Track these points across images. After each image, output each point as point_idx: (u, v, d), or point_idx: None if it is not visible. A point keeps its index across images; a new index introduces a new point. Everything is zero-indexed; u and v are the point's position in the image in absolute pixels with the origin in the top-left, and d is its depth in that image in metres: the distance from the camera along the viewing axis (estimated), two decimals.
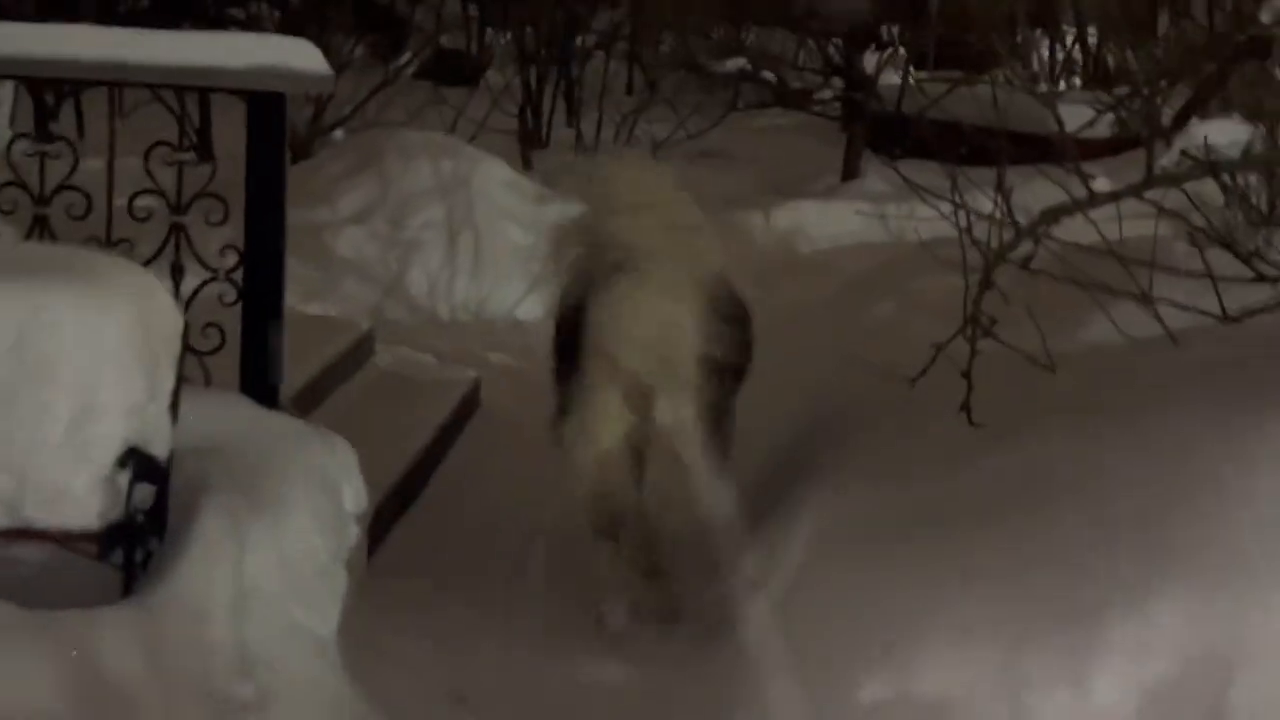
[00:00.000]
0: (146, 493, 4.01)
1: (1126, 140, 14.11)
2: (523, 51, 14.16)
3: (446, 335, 7.87)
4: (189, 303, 4.78)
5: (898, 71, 14.36)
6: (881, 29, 14.22)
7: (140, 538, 3.99)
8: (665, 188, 4.63)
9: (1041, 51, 19.80)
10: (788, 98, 14.72)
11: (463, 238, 8.27)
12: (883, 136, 13.80)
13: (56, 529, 3.79)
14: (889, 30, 14.35)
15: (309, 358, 5.91)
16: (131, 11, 14.51)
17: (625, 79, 16.43)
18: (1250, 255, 4.88)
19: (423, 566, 5.10)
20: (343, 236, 8.30)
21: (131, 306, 3.91)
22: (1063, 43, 19.55)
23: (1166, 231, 4.86)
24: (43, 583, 4.01)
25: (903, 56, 14.43)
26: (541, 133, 14.14)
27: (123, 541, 3.91)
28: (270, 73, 4.59)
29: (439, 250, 8.26)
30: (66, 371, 3.76)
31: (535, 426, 6.61)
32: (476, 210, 8.33)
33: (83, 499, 3.80)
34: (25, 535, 3.82)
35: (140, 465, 3.94)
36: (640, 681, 4.28)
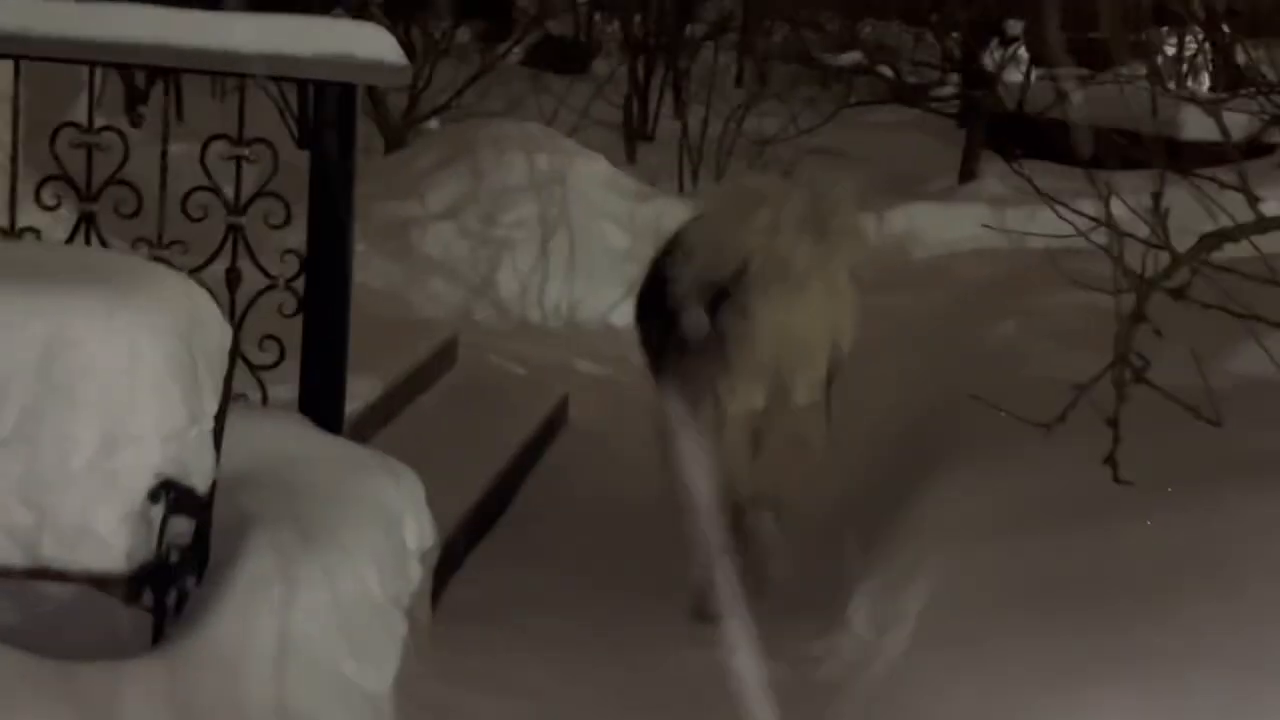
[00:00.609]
0: (183, 528, 3.60)
1: (1261, 145, 13.47)
2: (630, 40, 13.74)
3: (536, 341, 7.43)
4: (245, 312, 4.37)
5: (1019, 68, 13.77)
6: (1003, 24, 13.59)
7: (174, 578, 3.57)
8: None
9: (1166, 49, 19.11)
10: (904, 93, 14.17)
11: (557, 237, 7.81)
12: (1002, 136, 13.25)
13: (78, 570, 3.38)
14: (1009, 25, 13.71)
15: (386, 366, 5.49)
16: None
17: (735, 71, 15.94)
18: None
19: (497, 607, 4.65)
20: (431, 233, 7.88)
21: (171, 319, 3.49)
22: (1192, 39, 18.92)
23: None
24: (65, 626, 3.62)
25: (1025, 53, 13.81)
26: (647, 125, 13.73)
27: (154, 582, 3.51)
28: (337, 61, 4.16)
29: (531, 250, 7.80)
30: (92, 393, 3.35)
31: (625, 444, 6.18)
32: (572, 208, 7.87)
33: (108, 537, 3.38)
34: (45, 575, 3.42)
35: (177, 498, 3.53)
36: None
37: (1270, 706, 2.82)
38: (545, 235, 7.82)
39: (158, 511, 3.45)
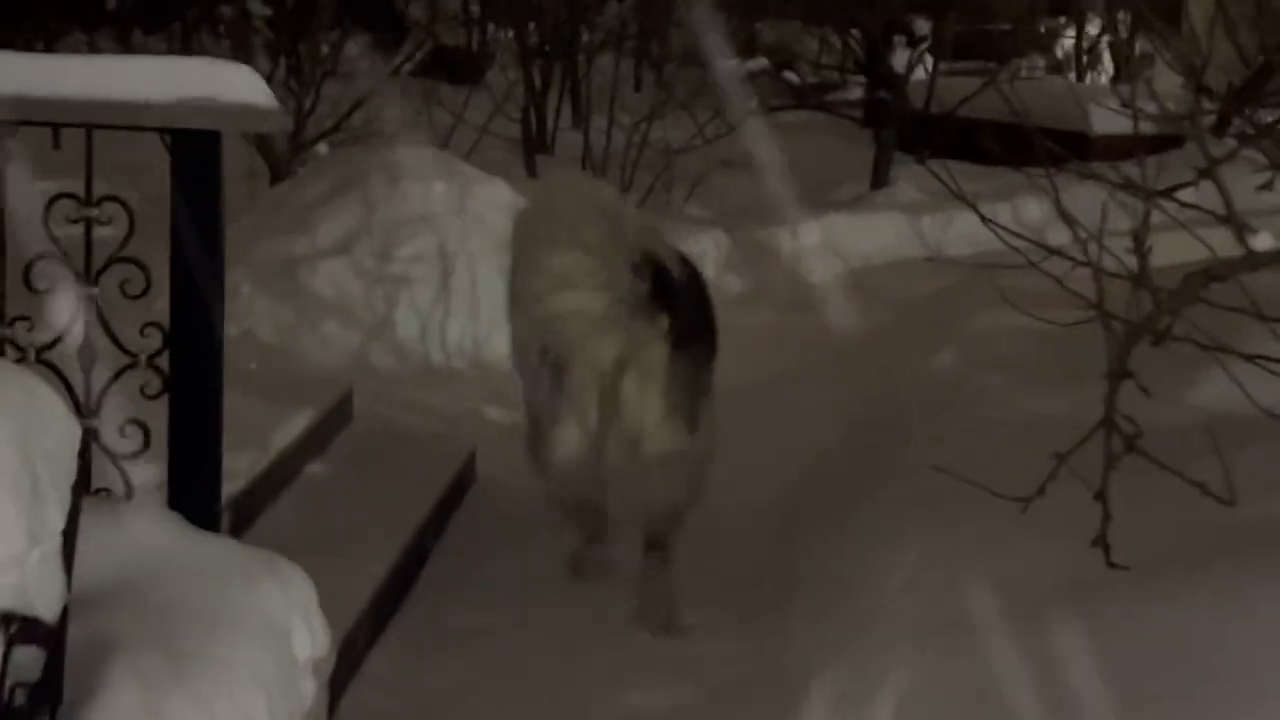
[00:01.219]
0: (30, 662, 3.07)
1: (1166, 138, 13.17)
2: (525, 49, 13.23)
3: (440, 385, 6.90)
4: (102, 395, 3.84)
5: (925, 66, 13.39)
6: (910, 22, 13.21)
7: None
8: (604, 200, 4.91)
9: (1065, 42, 18.87)
10: (810, 98, 13.77)
11: (458, 272, 7.27)
12: (911, 137, 12.86)
13: None
14: (917, 24, 13.33)
15: (271, 434, 4.97)
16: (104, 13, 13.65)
17: (633, 79, 15.47)
18: None
19: (405, 713, 4.13)
20: (321, 271, 7.31)
21: (1, 425, 2.97)
22: (1092, 28, 18.66)
23: None
24: None
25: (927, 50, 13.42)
26: (547, 137, 13.24)
27: None
28: (197, 107, 3.64)
29: (431, 286, 7.25)
30: None
31: (539, 499, 5.68)
32: (473, 239, 7.33)
33: None
34: None
35: (20, 630, 2.99)
36: None
37: None
38: (445, 269, 7.28)
39: None
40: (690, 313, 4.75)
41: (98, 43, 13.68)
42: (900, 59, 13.26)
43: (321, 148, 10.15)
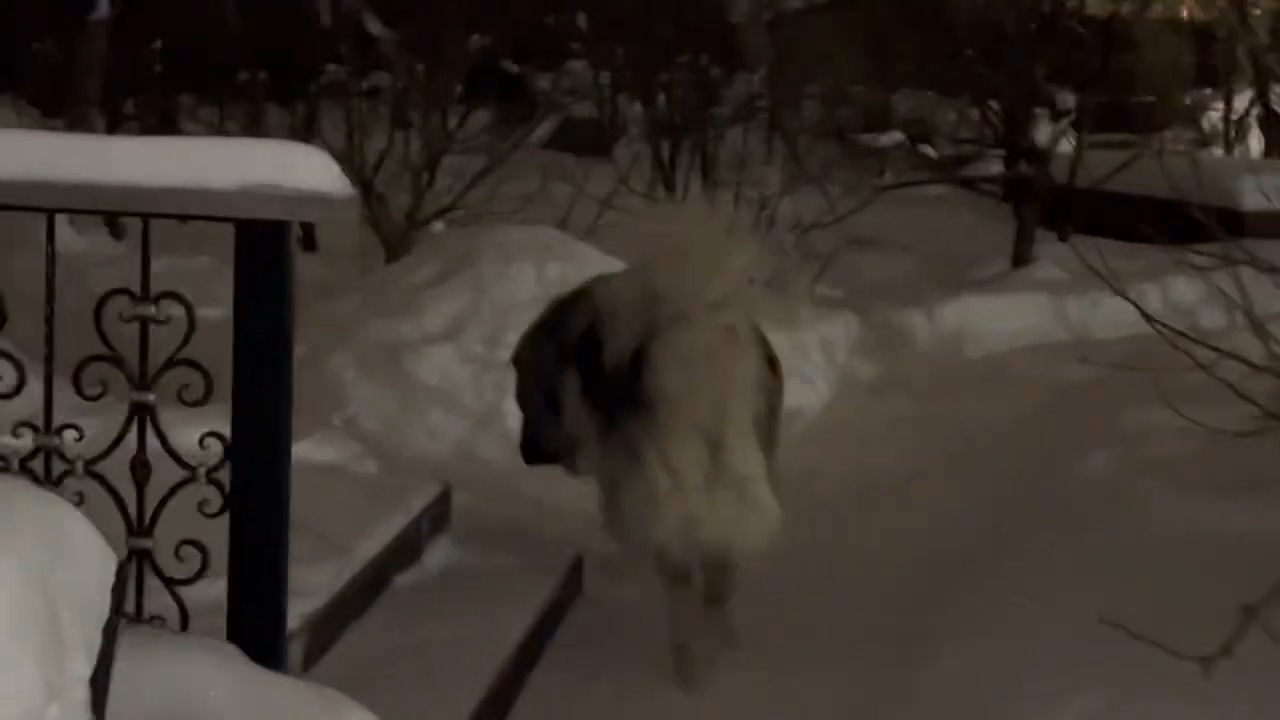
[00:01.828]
0: None
1: None
2: (654, 120, 12.91)
3: (547, 480, 6.47)
4: (156, 513, 3.46)
5: (1069, 139, 12.83)
6: (1054, 95, 12.67)
7: None
8: (719, 235, 4.84)
9: (1211, 114, 18.22)
10: (947, 172, 13.28)
11: None
12: (1054, 213, 12.31)
13: None
14: (1061, 97, 12.77)
15: (354, 544, 4.57)
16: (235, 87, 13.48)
17: (765, 151, 15.07)
18: None
19: None
20: (427, 357, 6.94)
21: (15, 559, 2.59)
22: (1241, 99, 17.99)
23: None
24: None
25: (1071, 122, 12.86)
26: None
27: None
28: (260, 194, 3.26)
29: None
30: None
31: (649, 614, 5.25)
32: None
33: None
34: None
35: None
36: None
37: None
38: None
39: None
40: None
41: (229, 116, 13.46)
42: (1041, 132, 12.73)
43: (437, 225, 9.83)
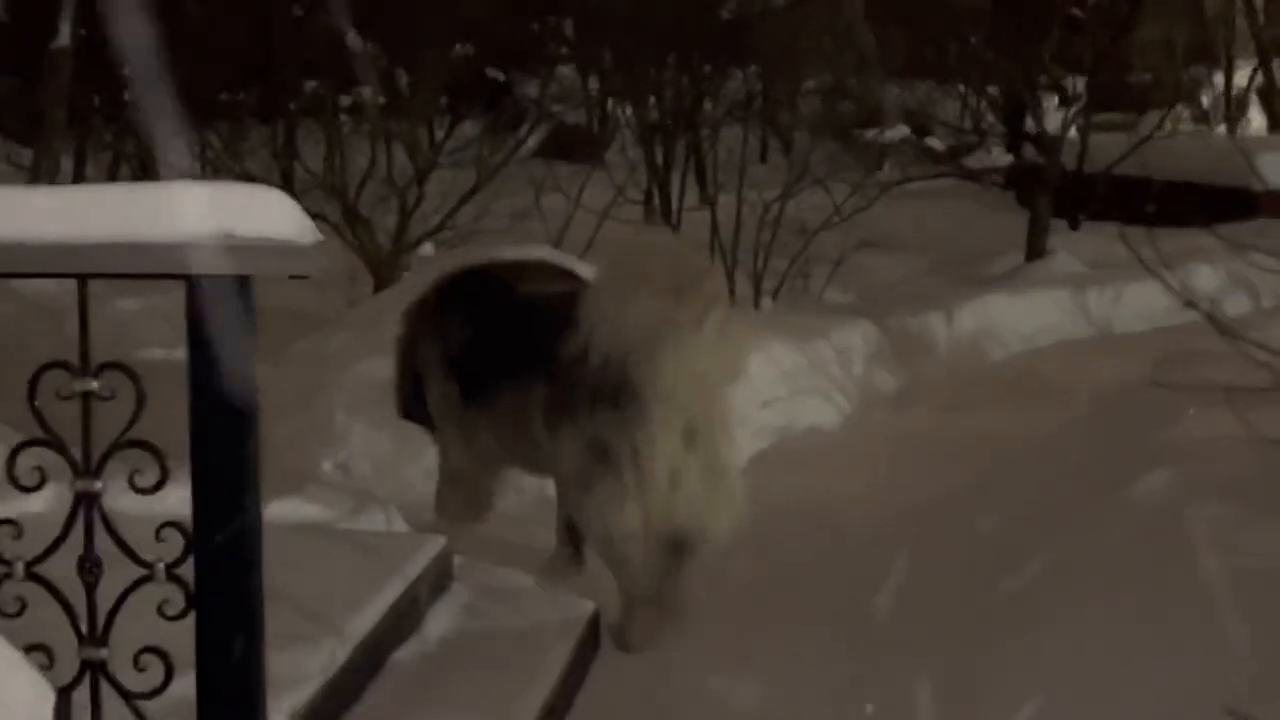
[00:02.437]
0: None
1: None
2: (646, 125, 12.46)
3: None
4: (110, 619, 3.01)
5: (1075, 124, 12.37)
6: (1061, 81, 12.21)
7: None
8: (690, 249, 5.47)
9: (1213, 89, 17.81)
10: (952, 165, 12.82)
11: None
12: (1061, 201, 11.87)
13: None
14: (1071, 81, 12.30)
15: (354, 611, 4.12)
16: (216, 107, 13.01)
17: (759, 150, 14.65)
18: None
19: None
20: None
21: None
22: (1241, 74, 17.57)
23: None
24: None
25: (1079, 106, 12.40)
26: (671, 216, 12.44)
27: None
28: (209, 246, 2.81)
29: None
30: None
31: (680, 664, 4.82)
32: None
33: None
34: None
35: None
36: None
37: None
38: None
39: None
40: None
41: (209, 139, 12.95)
42: (1047, 118, 12.28)
43: (426, 248, 9.37)
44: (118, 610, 3.01)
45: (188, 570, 2.98)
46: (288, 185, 11.34)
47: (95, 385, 2.95)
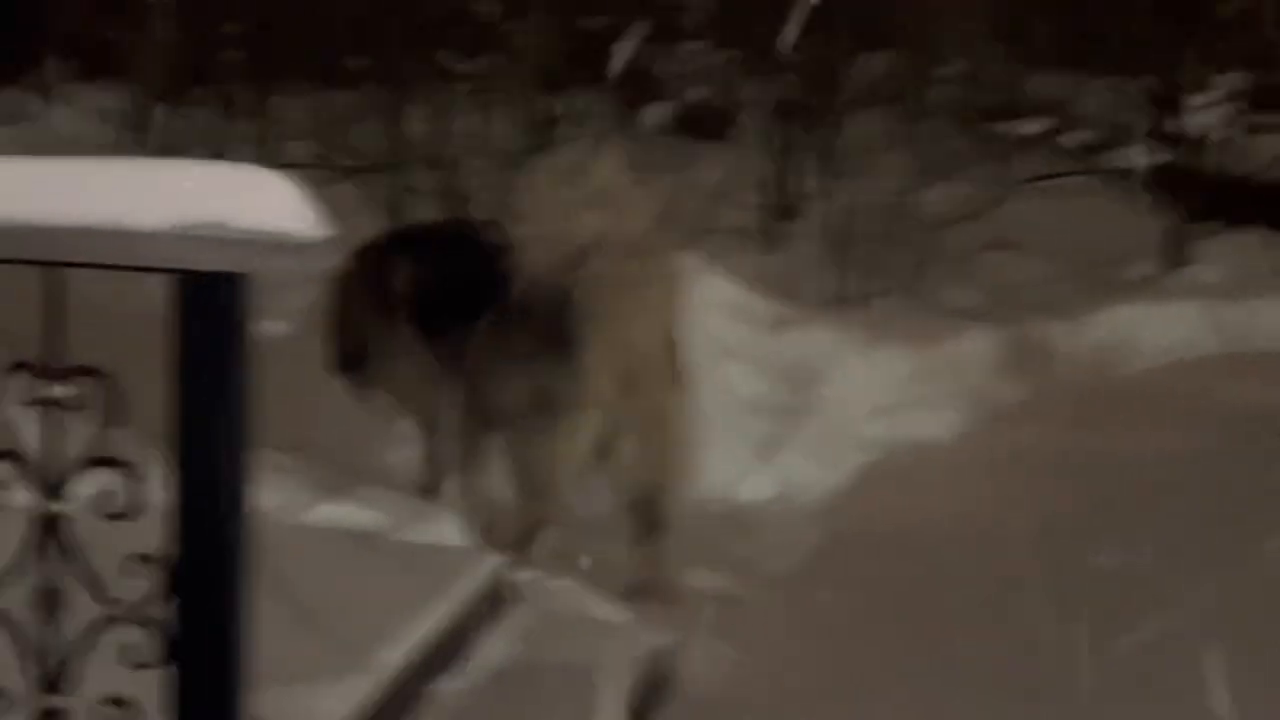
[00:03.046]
0: None
1: None
2: (771, 105, 12.03)
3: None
4: (64, 665, 2.59)
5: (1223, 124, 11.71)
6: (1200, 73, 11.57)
7: None
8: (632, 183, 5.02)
9: None
10: (1089, 163, 12.19)
11: None
12: (1206, 205, 11.24)
13: None
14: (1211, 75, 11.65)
15: (390, 640, 3.70)
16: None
17: (889, 137, 14.11)
18: None
19: None
20: None
21: None
22: None
23: None
24: None
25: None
26: (790, 203, 11.97)
27: None
28: (203, 236, 2.38)
29: None
30: None
31: (766, 714, 4.36)
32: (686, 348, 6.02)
33: None
34: None
35: None
36: None
37: None
38: None
39: None
40: None
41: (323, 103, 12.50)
42: (1193, 117, 11.62)
43: None
44: (76, 656, 2.60)
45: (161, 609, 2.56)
46: (396, 156, 11.00)
47: (60, 391, 2.53)
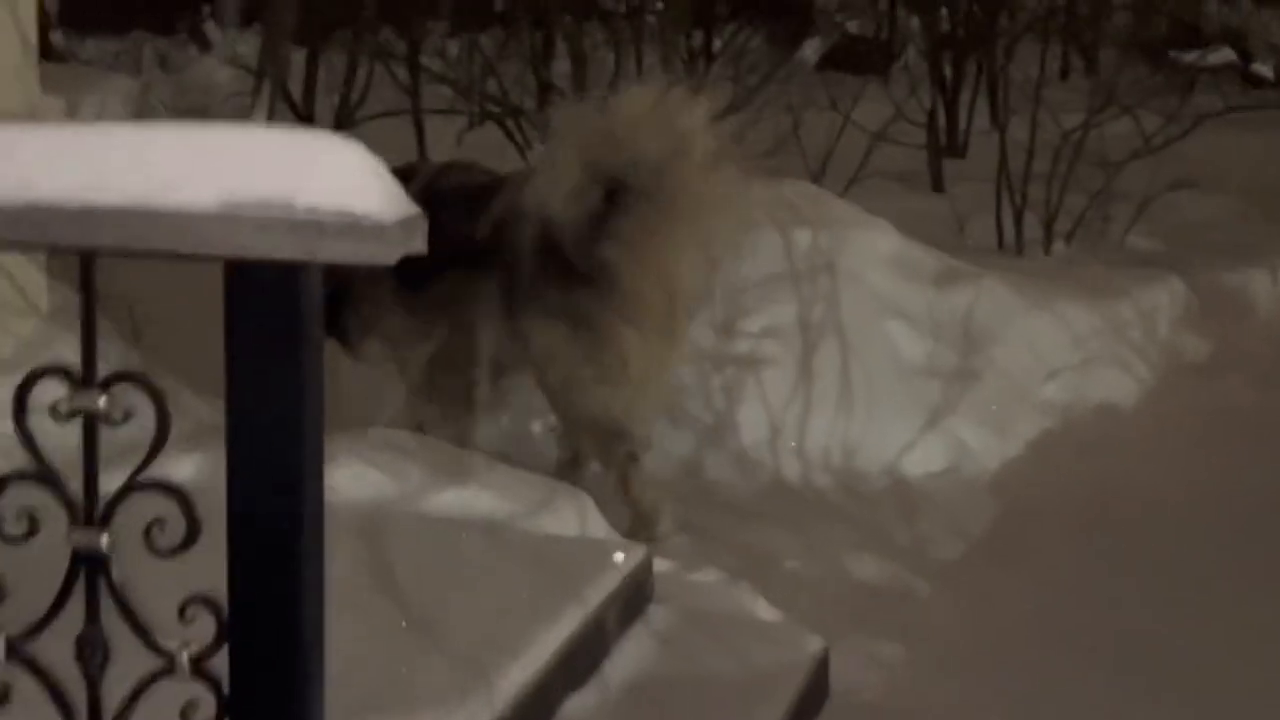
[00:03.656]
0: None
1: None
2: (935, 37, 11.46)
3: (791, 511, 5.12)
4: (122, 717, 2.21)
5: None
6: None
7: None
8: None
9: None
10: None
11: (822, 351, 5.48)
12: None
13: None
14: None
15: (515, 656, 3.29)
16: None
17: (1059, 68, 13.45)
18: None
19: None
20: None
21: None
22: None
23: None
24: None
25: None
26: (958, 139, 11.38)
27: None
28: (259, 217, 1.97)
29: (787, 373, 5.46)
30: None
31: None
32: (845, 306, 5.54)
33: None
34: None
35: None
36: None
37: None
38: (806, 349, 5.48)
39: None
40: None
41: (478, 43, 12.03)
42: None
43: None
44: (131, 708, 2.20)
45: (222, 661, 2.16)
46: (543, 96, 10.60)
47: (100, 403, 2.13)
